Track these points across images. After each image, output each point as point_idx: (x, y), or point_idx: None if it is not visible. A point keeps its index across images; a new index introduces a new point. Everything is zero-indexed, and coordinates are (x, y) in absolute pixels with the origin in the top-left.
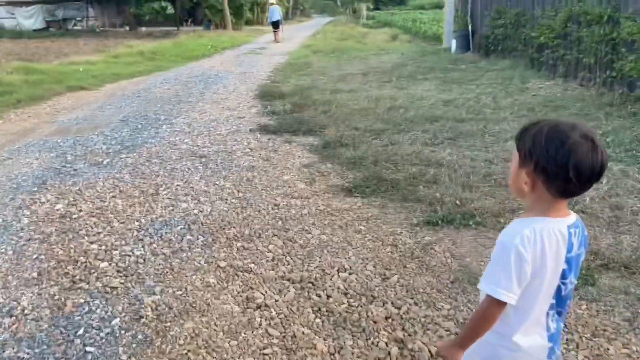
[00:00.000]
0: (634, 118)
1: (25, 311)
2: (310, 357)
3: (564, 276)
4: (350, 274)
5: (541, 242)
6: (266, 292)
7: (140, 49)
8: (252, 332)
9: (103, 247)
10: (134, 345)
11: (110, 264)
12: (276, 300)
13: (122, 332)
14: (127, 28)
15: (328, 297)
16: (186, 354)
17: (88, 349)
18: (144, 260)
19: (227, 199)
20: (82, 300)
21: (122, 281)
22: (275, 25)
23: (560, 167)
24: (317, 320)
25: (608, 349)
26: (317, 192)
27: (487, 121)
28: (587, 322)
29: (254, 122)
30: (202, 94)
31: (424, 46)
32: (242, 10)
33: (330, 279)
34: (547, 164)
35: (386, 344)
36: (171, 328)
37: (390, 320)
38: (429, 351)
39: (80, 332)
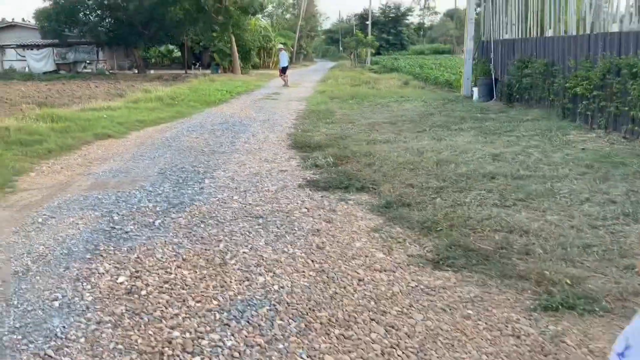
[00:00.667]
0: None
1: None
2: None
3: None
4: None
5: None
6: None
7: (158, 94)
8: None
9: (187, 335)
10: None
11: (202, 359)
12: None
13: None
14: (136, 71)
15: None
16: None
17: None
18: (239, 353)
19: (304, 272)
20: None
21: None
22: (284, 70)
23: None
24: None
25: None
26: (399, 264)
27: (548, 179)
28: None
29: (299, 176)
30: (233, 144)
31: (441, 93)
32: (250, 54)
33: None
34: None
35: None
36: None
37: None
38: None
39: None
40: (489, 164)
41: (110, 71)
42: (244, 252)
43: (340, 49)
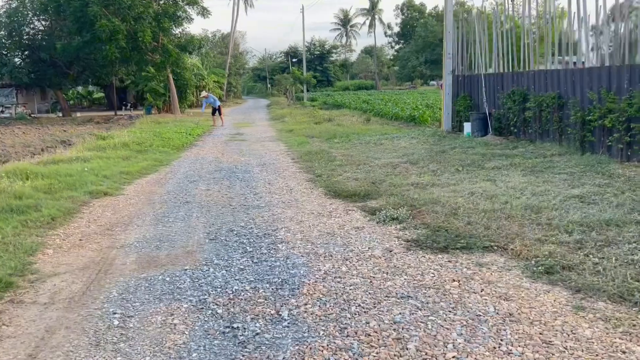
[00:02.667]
0: None
1: None
2: None
3: None
4: None
5: None
6: None
7: (122, 140)
8: None
9: None
10: None
11: None
12: None
13: None
14: (61, 114)
15: None
16: None
17: None
18: None
19: None
20: None
21: None
22: (217, 110)
23: None
24: None
25: None
26: None
27: None
28: None
29: (387, 234)
30: (258, 195)
31: (420, 129)
32: (186, 93)
33: None
34: None
35: None
36: None
37: None
38: None
39: None
40: (585, 209)
41: (32, 115)
42: (456, 358)
43: (269, 86)
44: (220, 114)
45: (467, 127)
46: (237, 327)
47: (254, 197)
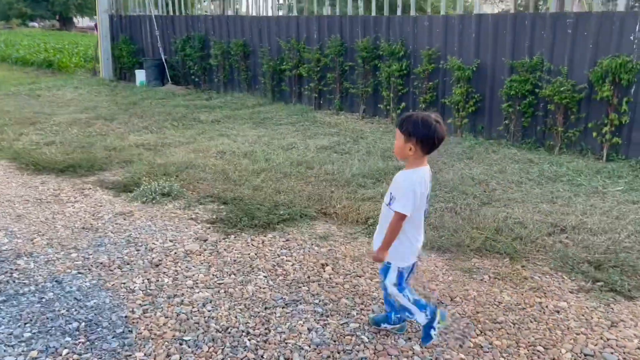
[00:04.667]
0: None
1: None
2: None
3: (427, 198)
4: None
5: (421, 180)
6: None
7: None
8: None
9: None
10: None
11: None
12: None
13: None
14: None
15: None
16: None
17: None
18: None
19: None
20: None
21: None
22: None
23: (429, 138)
24: None
25: None
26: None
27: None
28: None
29: (172, 217)
30: None
31: (79, 77)
32: None
33: None
34: (423, 137)
35: None
36: None
37: None
38: None
39: None
40: (348, 159)
41: None
42: None
43: None
44: None
45: (140, 75)
46: None
47: None
